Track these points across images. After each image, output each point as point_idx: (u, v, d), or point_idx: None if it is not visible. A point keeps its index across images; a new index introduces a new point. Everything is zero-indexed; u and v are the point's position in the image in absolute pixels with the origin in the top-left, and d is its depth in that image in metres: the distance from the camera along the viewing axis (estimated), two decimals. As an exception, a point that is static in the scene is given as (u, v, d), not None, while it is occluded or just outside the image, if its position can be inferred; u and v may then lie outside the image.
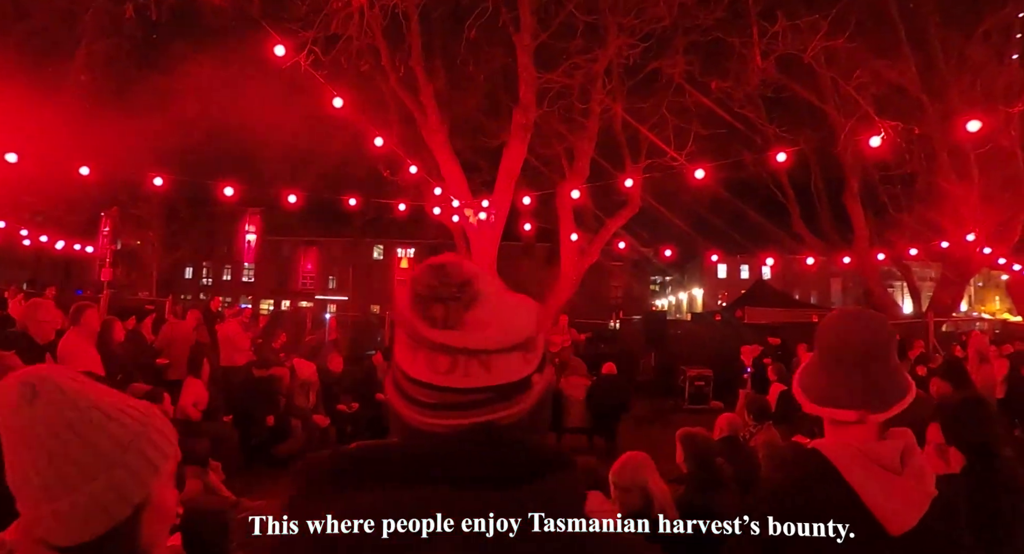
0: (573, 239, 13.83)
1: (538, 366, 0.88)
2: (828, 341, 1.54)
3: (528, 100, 12.55)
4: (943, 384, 5.13)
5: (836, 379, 1.50)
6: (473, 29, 12.92)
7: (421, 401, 0.84)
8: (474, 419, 0.83)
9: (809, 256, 14.01)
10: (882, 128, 7.79)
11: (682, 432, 3.97)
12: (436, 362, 0.83)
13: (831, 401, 1.49)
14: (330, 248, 40.44)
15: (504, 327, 0.83)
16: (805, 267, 18.84)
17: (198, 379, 7.37)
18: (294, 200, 11.64)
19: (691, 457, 3.81)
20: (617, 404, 8.61)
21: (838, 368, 1.50)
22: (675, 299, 52.62)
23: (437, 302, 0.82)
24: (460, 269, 0.85)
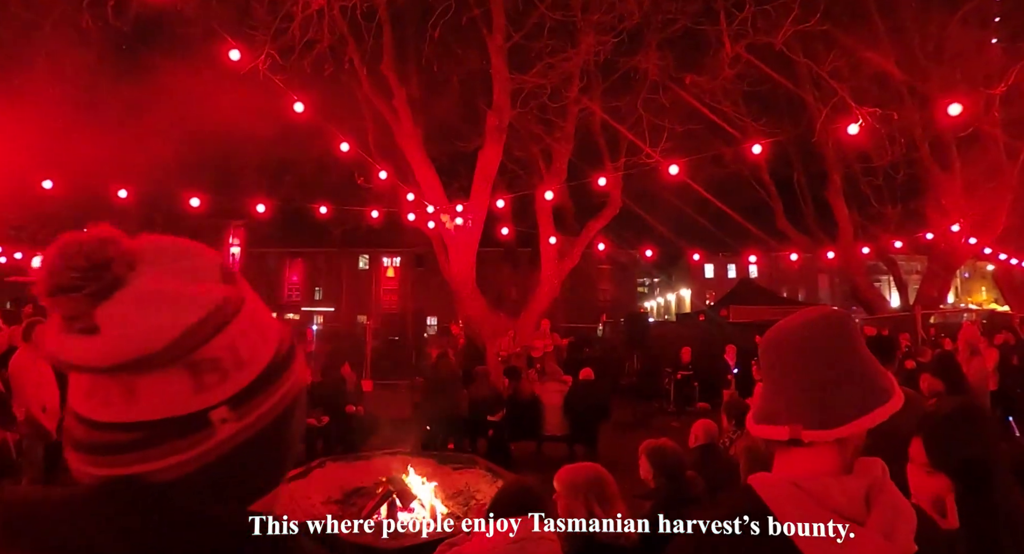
0: (552, 242, 13.56)
1: (231, 400, 0.61)
2: (764, 344, 1.22)
3: (502, 102, 12.32)
4: (935, 381, 4.90)
5: (771, 388, 1.19)
6: (444, 31, 12.74)
7: (74, 438, 0.61)
8: (115, 470, 0.58)
9: (793, 252, 13.79)
10: (859, 115, 7.55)
11: (647, 445, 3.68)
12: (79, 383, 0.60)
13: (765, 416, 1.17)
14: (315, 259, 40.04)
15: (152, 326, 0.57)
16: (792, 264, 18.70)
17: None
18: (263, 210, 11.33)
19: (659, 472, 3.53)
20: (595, 410, 8.31)
21: (770, 374, 1.20)
22: (663, 300, 52.48)
23: (60, 294, 0.58)
24: (102, 246, 0.59)
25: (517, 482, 2.86)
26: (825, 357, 1.13)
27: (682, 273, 45.15)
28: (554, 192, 13.66)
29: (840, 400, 1.10)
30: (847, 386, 1.11)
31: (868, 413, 1.09)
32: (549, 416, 8.32)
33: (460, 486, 6.03)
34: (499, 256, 20.95)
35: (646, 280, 52.14)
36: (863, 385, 1.12)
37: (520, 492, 2.69)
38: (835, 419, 1.09)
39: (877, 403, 1.10)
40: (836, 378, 1.12)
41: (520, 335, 12.99)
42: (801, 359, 1.14)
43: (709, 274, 43.03)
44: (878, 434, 1.31)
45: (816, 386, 1.12)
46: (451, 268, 13.68)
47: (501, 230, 13.13)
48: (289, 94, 8.91)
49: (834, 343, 1.14)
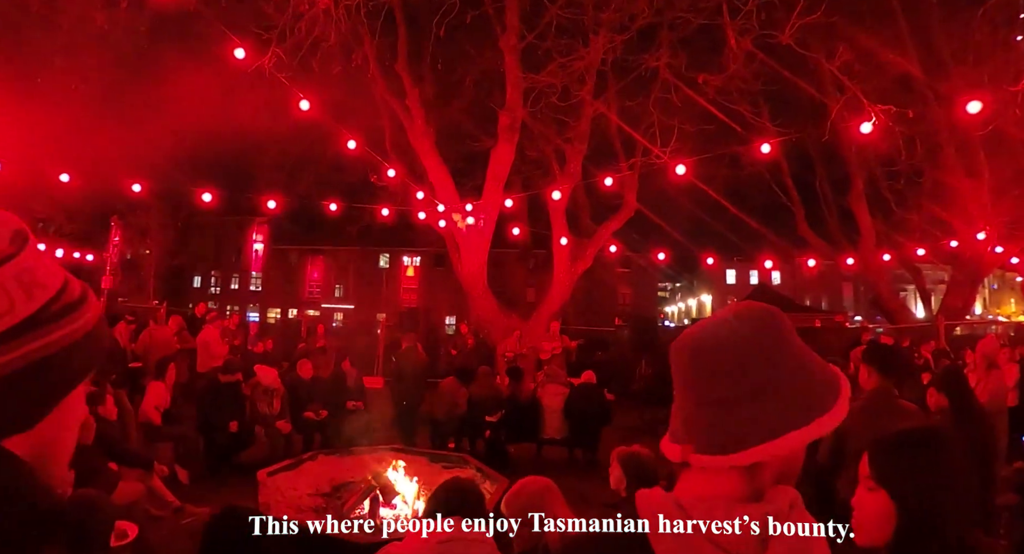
0: (563, 244, 13.43)
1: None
2: (672, 349, 1.02)
3: (514, 101, 12.27)
4: (940, 396, 4.67)
5: (676, 401, 1.02)
6: (457, 31, 12.73)
7: None
8: None
9: (810, 258, 13.47)
10: (872, 113, 7.28)
11: (620, 451, 3.54)
12: None
13: (670, 433, 1.01)
14: (336, 257, 40.32)
15: None
16: (814, 272, 18.28)
17: (161, 383, 7.37)
18: (273, 206, 11.37)
19: (632, 480, 3.39)
20: (596, 414, 8.17)
21: (676, 384, 1.02)
22: (684, 306, 51.95)
23: None
24: None
25: (454, 481, 2.75)
26: (731, 367, 0.92)
27: (703, 279, 44.61)
28: (567, 193, 13.55)
29: (743, 420, 0.91)
30: (756, 404, 0.91)
31: (776, 438, 0.89)
32: (549, 419, 8.21)
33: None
34: (514, 257, 20.86)
35: (668, 285, 51.71)
36: (780, 403, 0.91)
37: (454, 492, 2.61)
38: (732, 443, 0.90)
39: (794, 425, 0.90)
40: (742, 394, 0.92)
41: (529, 337, 12.89)
42: (701, 369, 0.95)
43: (731, 280, 42.36)
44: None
45: (715, 403, 0.93)
46: (462, 267, 13.65)
47: (513, 230, 13.02)
48: (296, 92, 8.88)
49: (746, 350, 0.92)
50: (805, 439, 0.91)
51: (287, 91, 10.64)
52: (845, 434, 3.69)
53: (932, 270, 22.88)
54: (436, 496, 2.62)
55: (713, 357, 0.94)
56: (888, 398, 3.88)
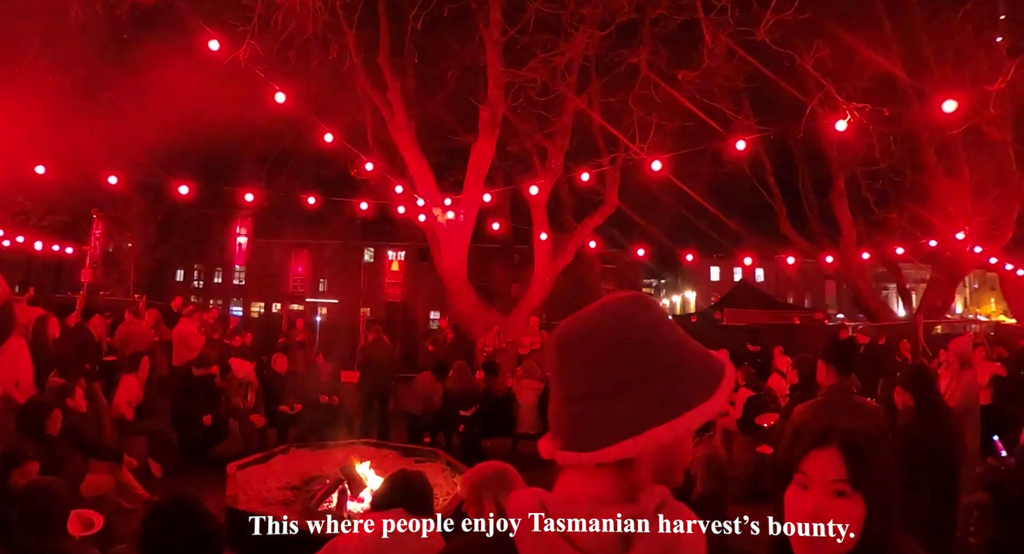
0: (543, 239, 13.40)
1: None
2: (547, 340, 1.01)
3: (495, 96, 12.21)
4: (905, 395, 4.64)
5: (551, 395, 0.98)
6: (440, 25, 12.66)
7: None
8: None
9: (790, 255, 13.52)
10: (848, 111, 7.27)
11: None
12: None
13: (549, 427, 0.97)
14: (321, 251, 40.13)
15: None
16: (799, 270, 18.39)
17: (134, 377, 7.32)
18: (251, 199, 11.25)
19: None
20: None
21: (550, 377, 0.99)
22: (668, 302, 52.07)
23: None
24: None
25: (400, 474, 2.72)
26: (592, 361, 0.88)
27: (687, 276, 44.74)
28: (547, 189, 13.55)
29: (605, 416, 0.86)
30: (619, 398, 0.86)
31: (639, 434, 0.84)
32: (524, 414, 8.18)
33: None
34: (497, 252, 20.82)
35: (652, 282, 51.80)
36: (644, 397, 0.86)
37: (398, 485, 2.58)
38: (593, 439, 0.86)
39: (658, 419, 0.85)
40: (605, 388, 0.87)
41: (509, 332, 12.86)
42: (565, 362, 0.91)
43: (715, 277, 42.56)
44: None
45: (578, 398, 0.89)
46: (442, 262, 13.61)
47: (492, 225, 12.97)
48: (272, 84, 8.79)
49: (609, 343, 0.88)
50: (671, 434, 0.85)
51: (265, 84, 10.58)
52: (800, 431, 3.68)
53: (914, 269, 23.07)
54: (380, 490, 2.60)
55: (576, 350, 0.90)
56: (845, 395, 3.85)
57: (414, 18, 10.79)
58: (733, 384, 0.93)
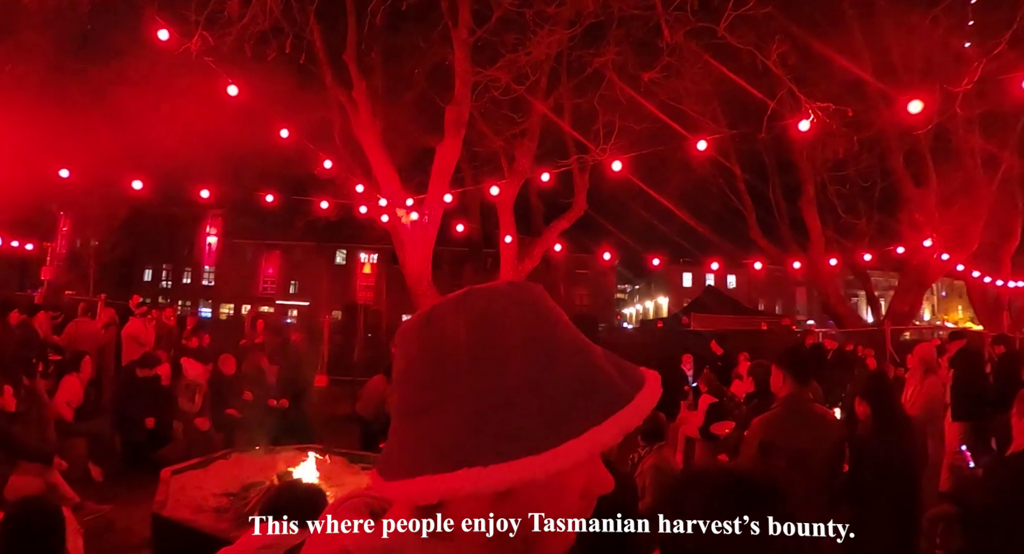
0: (508, 241, 13.22)
1: None
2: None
3: (462, 96, 12.00)
4: (863, 404, 4.43)
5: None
6: (408, 23, 12.49)
7: None
8: None
9: (758, 261, 13.48)
10: (810, 110, 7.16)
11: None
12: None
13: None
14: (292, 252, 39.61)
15: None
16: (770, 276, 18.38)
17: (76, 377, 7.08)
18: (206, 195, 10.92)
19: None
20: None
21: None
22: (642, 308, 52.28)
23: None
24: None
25: (289, 483, 2.61)
26: (424, 366, 0.67)
27: (659, 282, 44.85)
28: (514, 191, 13.39)
29: (418, 438, 0.65)
30: (440, 415, 0.64)
31: (451, 469, 0.61)
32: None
33: (363, 487, 5.69)
34: (466, 256, 20.63)
35: (627, 288, 51.96)
36: (478, 417, 0.63)
37: (283, 494, 2.48)
38: (397, 467, 0.65)
39: (497, 454, 0.61)
40: (429, 401, 0.65)
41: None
42: (401, 365, 0.70)
43: (687, 283, 42.60)
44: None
45: (406, 413, 0.68)
46: (406, 264, 13.36)
47: (458, 227, 12.76)
48: (225, 78, 8.52)
49: (450, 345, 0.65)
50: (513, 478, 0.60)
51: (223, 78, 10.31)
52: (767, 448, 3.50)
53: (883, 277, 23.28)
54: (266, 497, 2.51)
55: (416, 352, 0.68)
56: (802, 404, 3.69)
57: (372, 12, 10.50)
58: (645, 408, 0.68)
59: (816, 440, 3.46)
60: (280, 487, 2.57)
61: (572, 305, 32.65)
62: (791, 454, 3.35)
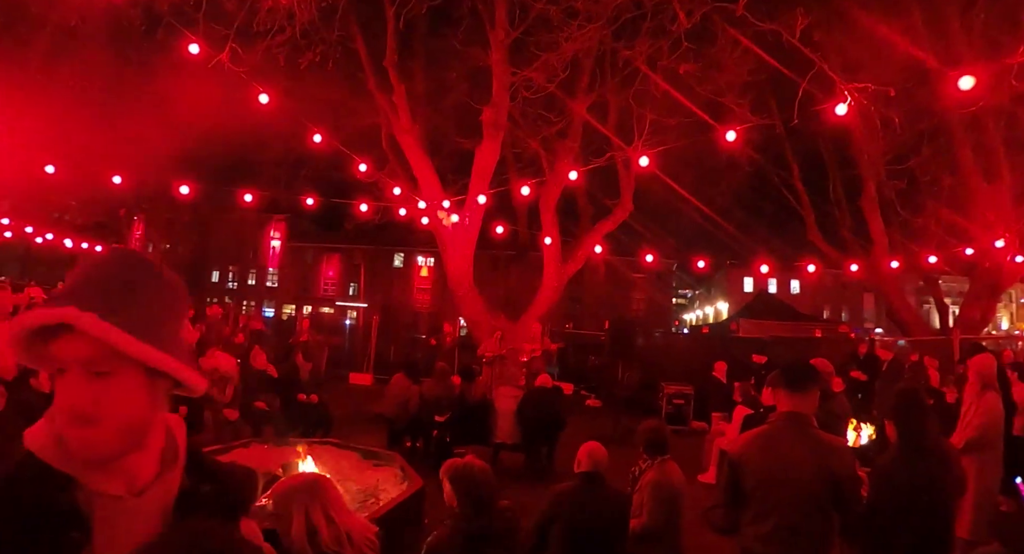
0: (548, 243, 13.05)
1: None
2: None
3: (500, 97, 11.98)
4: (890, 424, 3.72)
5: None
6: (446, 27, 12.58)
7: None
8: None
9: (810, 264, 12.81)
10: (846, 92, 6.58)
11: (449, 465, 3.11)
12: None
13: None
14: (352, 255, 40.46)
15: None
16: (836, 282, 17.47)
17: None
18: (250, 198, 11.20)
19: (463, 498, 2.93)
20: (548, 419, 7.72)
21: None
22: (702, 313, 50.84)
23: None
24: None
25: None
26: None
27: (720, 287, 43.50)
28: (555, 192, 13.26)
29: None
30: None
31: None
32: (501, 422, 7.81)
33: (370, 483, 5.72)
34: (509, 259, 20.55)
35: (687, 292, 50.76)
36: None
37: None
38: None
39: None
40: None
41: (515, 338, 12.53)
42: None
43: (748, 288, 41.12)
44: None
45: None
46: (447, 266, 13.39)
47: (496, 229, 12.68)
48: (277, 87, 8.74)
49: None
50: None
51: (275, 88, 10.60)
52: (736, 468, 3.10)
53: (959, 284, 21.91)
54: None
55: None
56: (793, 424, 3.04)
57: (411, 19, 10.57)
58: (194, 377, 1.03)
59: (789, 467, 2.90)
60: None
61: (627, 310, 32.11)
62: (760, 479, 2.95)
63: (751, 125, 8.98)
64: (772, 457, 2.97)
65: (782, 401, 3.12)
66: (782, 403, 3.12)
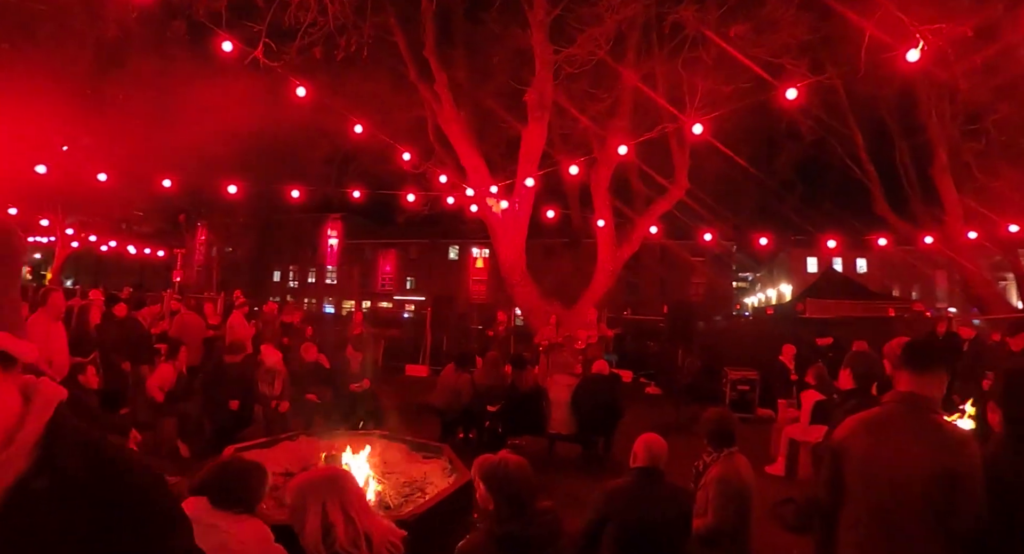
0: (601, 225, 12.70)
1: None
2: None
3: (543, 78, 11.68)
4: (997, 410, 2.94)
5: None
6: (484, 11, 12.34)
7: None
8: None
9: (882, 237, 12.06)
10: (918, 36, 5.93)
11: (481, 461, 2.70)
12: None
13: None
14: (408, 250, 40.83)
15: None
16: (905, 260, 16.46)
17: (170, 365, 7.74)
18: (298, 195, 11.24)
19: (497, 496, 2.56)
20: (604, 408, 7.40)
21: None
22: (764, 296, 49.18)
23: None
24: None
25: (222, 462, 2.65)
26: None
27: (782, 268, 41.90)
28: (606, 173, 12.89)
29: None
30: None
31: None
32: (555, 412, 7.53)
33: (417, 476, 5.58)
34: (562, 247, 20.24)
35: (748, 275, 49.25)
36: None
37: (212, 473, 2.55)
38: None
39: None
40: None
41: (568, 325, 12.26)
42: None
43: (812, 268, 39.40)
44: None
45: None
46: (499, 253, 13.21)
47: (547, 214, 12.40)
48: (293, 81, 8.68)
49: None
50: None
51: (323, 89, 10.60)
52: (837, 458, 2.53)
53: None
54: (198, 475, 2.53)
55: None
56: (913, 407, 2.50)
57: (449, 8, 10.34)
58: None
59: (899, 460, 2.36)
60: (210, 467, 2.54)
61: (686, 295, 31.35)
62: (862, 473, 2.42)
63: (812, 80, 8.30)
64: (880, 447, 2.45)
65: (904, 381, 2.59)
66: (903, 384, 2.60)
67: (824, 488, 2.58)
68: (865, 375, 3.87)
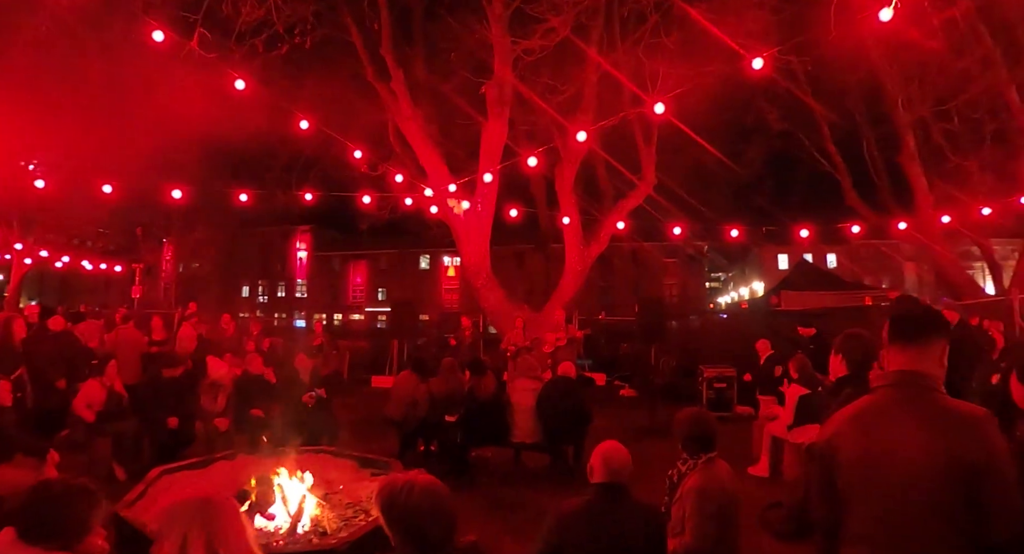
0: (567, 223, 12.29)
1: None
2: None
3: (503, 73, 11.28)
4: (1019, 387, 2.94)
5: None
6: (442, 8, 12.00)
7: None
8: None
9: (855, 225, 11.81)
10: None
11: (383, 485, 2.08)
12: None
13: None
14: (378, 260, 40.24)
15: None
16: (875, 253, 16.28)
17: (98, 381, 7.19)
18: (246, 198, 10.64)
19: (398, 533, 1.96)
20: (571, 413, 6.86)
21: None
22: (737, 295, 49.28)
23: None
24: None
25: (37, 486, 2.14)
26: None
27: (754, 265, 41.92)
28: (570, 170, 12.54)
29: None
30: None
31: None
32: (519, 419, 6.98)
33: (363, 495, 5.06)
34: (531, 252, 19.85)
35: (720, 275, 49.31)
36: None
37: (26, 500, 2.07)
38: None
39: None
40: None
41: (536, 328, 11.79)
42: None
43: (783, 265, 39.43)
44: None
45: None
46: (462, 255, 12.75)
47: (511, 212, 11.95)
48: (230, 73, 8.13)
49: None
50: None
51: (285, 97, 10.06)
52: (827, 453, 2.02)
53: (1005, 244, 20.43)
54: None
55: None
56: (914, 388, 1.94)
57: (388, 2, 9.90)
58: None
59: (895, 450, 1.83)
60: (30, 487, 2.05)
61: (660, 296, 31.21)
62: (854, 471, 1.90)
63: (779, 49, 7.92)
64: (873, 438, 1.90)
65: (894, 359, 2.03)
66: (894, 362, 2.03)
67: (816, 501, 2.02)
68: (859, 360, 3.28)
